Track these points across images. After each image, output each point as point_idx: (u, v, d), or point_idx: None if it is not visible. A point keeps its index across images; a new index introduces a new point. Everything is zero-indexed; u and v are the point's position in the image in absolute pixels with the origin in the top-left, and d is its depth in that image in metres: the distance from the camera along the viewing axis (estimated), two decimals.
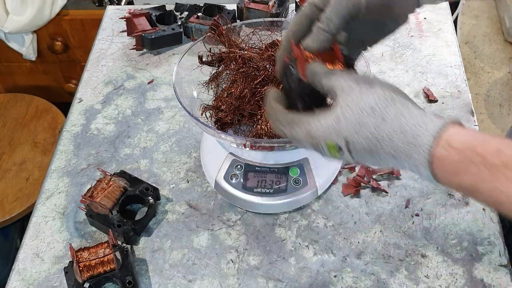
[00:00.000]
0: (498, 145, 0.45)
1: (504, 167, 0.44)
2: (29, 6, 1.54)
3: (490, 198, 0.46)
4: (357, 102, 0.50)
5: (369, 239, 0.80)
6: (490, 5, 2.36)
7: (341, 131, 0.51)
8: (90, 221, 0.83)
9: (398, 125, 0.48)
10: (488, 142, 0.45)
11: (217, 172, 0.83)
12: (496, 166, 0.44)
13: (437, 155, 0.47)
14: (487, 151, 0.45)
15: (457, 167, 0.46)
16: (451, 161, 0.46)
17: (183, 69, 0.81)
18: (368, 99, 0.50)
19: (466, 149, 0.45)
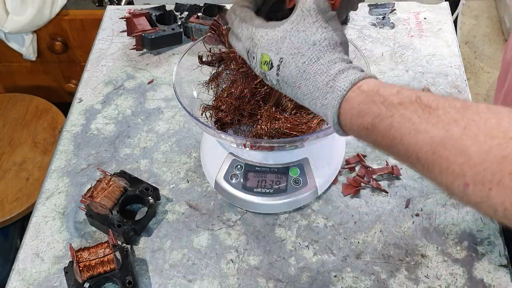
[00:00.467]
0: (400, 88, 0.48)
1: (399, 105, 0.47)
2: (29, 6, 1.54)
3: (385, 136, 0.48)
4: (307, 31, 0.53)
5: (369, 239, 0.80)
6: (490, 5, 2.36)
7: (281, 49, 0.54)
8: (90, 221, 0.83)
9: (327, 68, 0.52)
10: (392, 86, 0.49)
11: (217, 172, 0.83)
12: (393, 104, 0.47)
13: (347, 97, 0.51)
14: (389, 92, 0.48)
15: (360, 108, 0.50)
16: (357, 102, 0.50)
17: (183, 69, 0.81)
18: (316, 35, 0.53)
19: (370, 91, 0.49)
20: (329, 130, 0.73)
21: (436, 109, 0.45)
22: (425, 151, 0.45)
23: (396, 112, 0.47)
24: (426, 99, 0.46)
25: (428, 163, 0.45)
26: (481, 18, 2.32)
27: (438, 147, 0.44)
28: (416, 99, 0.46)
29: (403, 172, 0.88)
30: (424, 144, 0.45)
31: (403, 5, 1.20)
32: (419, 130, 0.45)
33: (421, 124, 0.45)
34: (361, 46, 1.10)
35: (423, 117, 0.45)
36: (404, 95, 0.47)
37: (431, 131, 0.44)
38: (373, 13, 1.18)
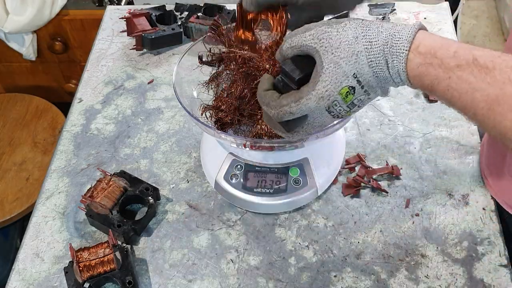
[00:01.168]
0: (456, 49, 0.51)
1: (456, 68, 0.50)
2: (29, 6, 1.54)
3: (445, 96, 0.52)
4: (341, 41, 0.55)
5: (369, 239, 0.80)
6: (490, 5, 2.36)
7: (346, 71, 0.55)
8: (90, 221, 0.83)
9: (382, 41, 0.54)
10: (448, 46, 0.51)
11: (217, 172, 0.83)
12: (450, 67, 0.50)
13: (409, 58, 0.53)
14: (445, 55, 0.51)
15: (419, 70, 0.52)
16: (416, 64, 0.52)
17: (183, 69, 0.81)
18: (348, 33, 0.55)
19: (428, 53, 0.52)
20: (329, 130, 0.73)
21: (492, 69, 0.48)
22: (481, 107, 0.49)
23: (453, 74, 0.50)
24: (483, 60, 0.49)
25: (484, 118, 0.50)
26: (481, 18, 2.32)
27: (493, 104, 0.48)
28: (473, 61, 0.49)
29: (403, 172, 0.88)
30: (480, 101, 0.49)
31: (403, 5, 1.20)
32: (475, 89, 0.49)
33: (477, 83, 0.49)
34: None
35: (479, 77, 0.49)
36: (461, 57, 0.50)
37: (487, 89, 0.48)
38: (373, 13, 1.18)
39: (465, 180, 0.87)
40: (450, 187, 0.86)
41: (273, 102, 0.59)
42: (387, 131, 0.95)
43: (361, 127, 0.96)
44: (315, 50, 0.56)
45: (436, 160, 0.90)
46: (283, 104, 0.58)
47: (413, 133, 0.94)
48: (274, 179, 0.82)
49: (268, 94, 0.60)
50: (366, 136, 0.94)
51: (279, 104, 0.59)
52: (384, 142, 0.93)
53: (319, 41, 0.56)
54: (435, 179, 0.87)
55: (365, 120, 0.97)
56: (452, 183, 0.86)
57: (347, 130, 0.95)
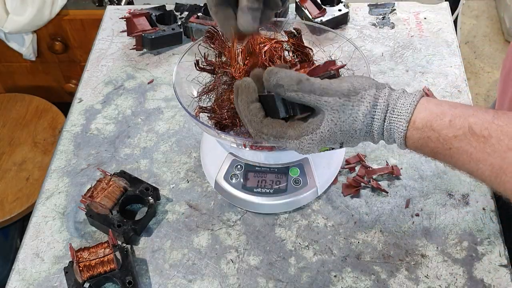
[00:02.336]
0: (451, 117, 0.51)
1: (454, 139, 0.50)
2: (29, 6, 1.54)
3: (449, 163, 0.54)
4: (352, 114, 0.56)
5: (369, 239, 0.80)
6: (490, 5, 2.36)
7: (337, 140, 0.57)
8: (90, 221, 0.83)
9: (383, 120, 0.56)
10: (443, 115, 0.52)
11: (217, 172, 0.83)
12: (448, 138, 0.51)
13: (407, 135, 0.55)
14: (441, 126, 0.52)
15: (419, 143, 0.54)
16: (415, 139, 0.54)
17: (183, 69, 0.81)
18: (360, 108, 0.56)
19: (425, 127, 0.53)
20: None
21: (489, 138, 0.48)
22: (487, 175, 0.50)
23: (452, 145, 0.51)
24: (478, 128, 0.49)
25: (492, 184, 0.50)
26: (481, 18, 2.32)
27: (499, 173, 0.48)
28: (469, 130, 0.49)
29: (403, 172, 0.88)
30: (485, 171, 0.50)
31: (403, 5, 1.20)
32: (478, 159, 0.49)
33: (477, 154, 0.49)
34: (361, 46, 1.10)
35: (478, 147, 0.49)
36: (456, 127, 0.50)
37: (488, 159, 0.49)
38: (373, 13, 1.18)
39: (465, 180, 0.87)
40: (450, 187, 0.86)
41: (254, 123, 0.59)
42: None
43: None
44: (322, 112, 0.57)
45: (436, 160, 0.89)
46: (263, 132, 0.59)
47: None
48: (274, 179, 0.82)
49: (252, 110, 0.59)
50: None
51: (259, 130, 0.59)
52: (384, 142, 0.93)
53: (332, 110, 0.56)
54: (435, 179, 0.87)
55: None
56: (452, 183, 0.86)
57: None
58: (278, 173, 0.82)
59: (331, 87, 0.56)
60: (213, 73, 0.80)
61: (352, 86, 0.56)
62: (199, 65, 0.78)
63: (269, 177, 0.82)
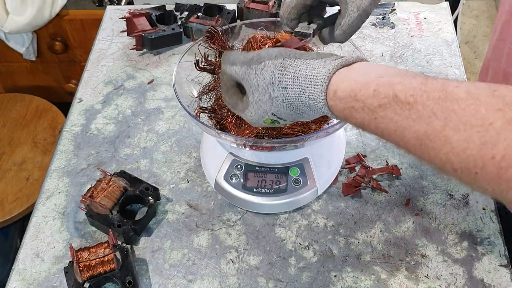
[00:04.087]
0: (376, 86, 0.49)
1: (379, 108, 0.49)
2: (29, 6, 1.54)
3: (376, 133, 0.51)
4: (259, 84, 0.57)
5: (369, 239, 0.80)
6: (490, 5, 2.36)
7: (266, 111, 0.58)
8: (90, 221, 0.83)
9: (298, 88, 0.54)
10: (368, 85, 0.50)
11: (217, 172, 0.83)
12: (373, 108, 0.49)
13: (329, 104, 0.53)
14: (366, 95, 0.49)
15: (344, 114, 0.52)
16: (339, 109, 0.52)
17: (183, 69, 0.81)
18: (264, 78, 0.56)
19: (348, 96, 0.51)
20: (329, 130, 0.73)
21: (414, 104, 0.46)
22: (412, 144, 0.48)
23: (377, 115, 0.49)
24: (403, 95, 0.47)
25: (418, 154, 0.48)
26: (481, 18, 2.32)
27: (423, 140, 0.46)
28: (393, 98, 0.48)
29: (403, 172, 0.88)
30: (410, 139, 0.47)
31: (403, 5, 1.20)
32: (403, 127, 0.47)
33: (403, 121, 0.47)
34: (361, 46, 1.10)
35: (403, 114, 0.47)
36: (381, 95, 0.48)
37: (414, 126, 0.46)
38: (373, 13, 1.18)
39: None
40: (450, 187, 0.86)
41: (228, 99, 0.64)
42: None
43: None
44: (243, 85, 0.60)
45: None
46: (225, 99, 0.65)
47: None
48: (274, 179, 0.82)
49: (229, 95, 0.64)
50: (366, 136, 0.94)
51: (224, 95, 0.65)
52: (384, 142, 0.93)
53: (242, 79, 0.59)
54: (435, 179, 0.87)
55: None
56: (452, 183, 0.86)
57: (347, 130, 0.95)
58: (278, 173, 0.82)
59: (239, 56, 0.60)
60: (213, 73, 0.80)
61: (258, 55, 0.57)
62: (199, 65, 0.79)
63: (269, 177, 0.82)
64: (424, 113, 0.45)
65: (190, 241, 0.81)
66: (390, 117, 0.48)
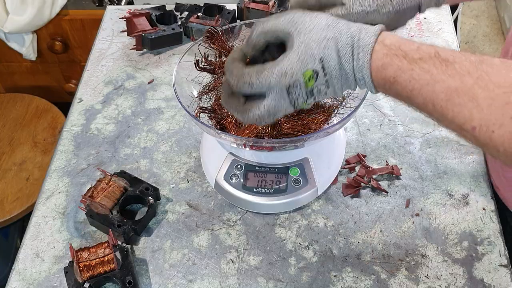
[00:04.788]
0: (419, 44, 0.53)
1: (420, 59, 0.52)
2: (29, 6, 1.54)
3: (406, 88, 0.53)
4: (314, 25, 0.57)
5: (369, 239, 0.80)
6: (490, 5, 2.36)
7: (314, 53, 0.56)
8: (90, 221, 0.83)
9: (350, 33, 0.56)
10: (412, 42, 0.54)
11: (217, 172, 0.83)
12: (414, 59, 0.52)
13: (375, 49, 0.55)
14: (409, 47, 0.53)
15: (384, 60, 0.54)
16: (382, 55, 0.54)
17: (183, 69, 0.81)
18: (320, 21, 0.57)
19: (393, 45, 0.54)
20: (329, 130, 0.73)
21: (453, 63, 0.50)
22: (440, 98, 0.51)
23: (416, 65, 0.52)
24: (444, 53, 0.51)
25: (443, 109, 0.51)
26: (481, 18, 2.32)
27: (452, 94, 0.49)
28: (435, 54, 0.51)
29: (403, 172, 0.88)
30: (440, 93, 0.50)
31: None
32: (436, 80, 0.51)
33: (438, 75, 0.50)
34: None
35: (441, 69, 0.50)
36: (423, 51, 0.52)
37: (447, 81, 0.50)
38: None
39: (465, 180, 0.87)
40: (450, 187, 0.86)
41: (236, 70, 0.59)
42: (387, 131, 0.95)
43: (361, 127, 0.96)
44: (288, 34, 0.57)
45: (436, 160, 0.90)
46: (245, 73, 0.58)
47: (413, 133, 0.94)
48: (274, 179, 0.82)
49: (235, 62, 0.60)
50: (366, 136, 0.94)
51: (241, 72, 0.58)
52: (384, 142, 0.93)
53: (294, 23, 0.57)
54: (435, 179, 0.87)
55: (365, 120, 0.97)
56: (452, 183, 0.86)
57: (347, 130, 0.95)
58: (278, 173, 0.82)
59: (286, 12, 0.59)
60: (213, 73, 0.80)
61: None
62: (199, 65, 0.79)
63: (269, 177, 0.82)
64: (460, 71, 0.49)
65: (190, 241, 0.81)
66: (427, 68, 0.51)
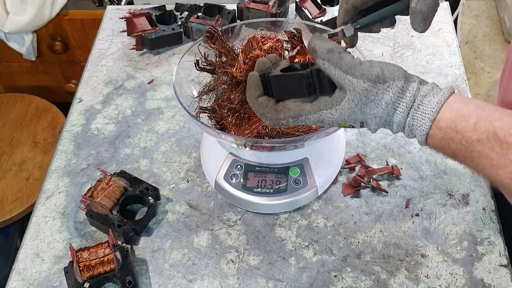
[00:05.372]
0: (476, 120, 0.50)
1: (477, 142, 0.50)
2: (29, 6, 1.54)
3: (470, 166, 0.53)
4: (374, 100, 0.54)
5: (369, 239, 0.80)
6: (490, 5, 2.36)
7: (356, 119, 0.56)
8: (90, 221, 0.83)
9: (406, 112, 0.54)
10: (469, 117, 0.51)
11: (217, 172, 0.83)
12: (471, 141, 0.50)
13: (429, 134, 0.53)
14: (466, 127, 0.50)
15: (441, 144, 0.53)
16: (437, 139, 0.53)
17: (183, 69, 0.81)
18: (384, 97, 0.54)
19: (448, 127, 0.52)
20: (329, 130, 0.73)
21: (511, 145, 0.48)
22: (506, 183, 0.49)
23: (474, 149, 0.50)
24: (502, 133, 0.49)
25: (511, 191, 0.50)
26: (481, 18, 2.32)
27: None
28: (493, 135, 0.49)
29: (403, 172, 0.88)
30: (504, 178, 0.49)
31: None
32: (498, 166, 0.49)
33: (499, 160, 0.49)
34: (361, 46, 1.10)
35: (501, 153, 0.49)
36: (481, 130, 0.50)
37: (509, 166, 0.48)
38: None
39: (465, 180, 0.87)
40: (450, 187, 0.86)
41: (269, 114, 0.59)
42: (387, 131, 0.95)
43: None
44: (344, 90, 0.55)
45: (436, 160, 0.90)
46: (280, 117, 0.59)
47: None
48: (274, 179, 0.82)
49: (262, 103, 0.59)
50: (366, 136, 0.94)
51: (276, 117, 0.59)
52: (384, 142, 0.93)
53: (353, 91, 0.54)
54: (435, 179, 0.87)
55: None
56: (452, 183, 0.86)
57: (347, 130, 0.95)
58: (278, 173, 0.82)
59: (359, 68, 0.55)
60: (213, 73, 0.80)
61: (382, 73, 0.55)
62: (199, 65, 0.79)
63: (269, 177, 0.82)
64: None
65: (190, 241, 0.81)
66: (486, 153, 0.49)
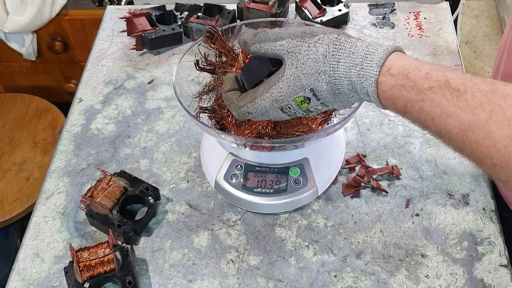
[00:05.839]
0: (429, 70, 0.50)
1: (429, 90, 0.49)
2: (29, 6, 1.54)
3: (418, 119, 0.51)
4: (309, 57, 0.55)
5: (369, 239, 0.80)
6: (490, 5, 2.36)
7: (304, 85, 0.56)
8: (90, 221, 0.83)
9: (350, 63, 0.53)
10: (421, 67, 0.50)
11: (217, 172, 0.83)
12: (423, 89, 0.49)
13: (379, 80, 0.52)
14: (418, 76, 0.50)
15: (392, 92, 0.52)
16: (388, 86, 0.52)
17: (183, 69, 0.81)
18: (317, 50, 0.55)
19: (400, 74, 0.51)
20: (329, 130, 0.73)
21: (464, 93, 0.47)
22: (455, 133, 0.48)
23: (425, 97, 0.49)
24: (455, 82, 0.48)
25: (459, 144, 0.48)
26: (481, 18, 2.32)
27: (466, 131, 0.47)
28: (445, 83, 0.48)
29: (403, 172, 0.88)
30: (453, 127, 0.48)
31: (403, 5, 1.20)
32: (448, 113, 0.48)
33: (449, 107, 0.48)
34: None
35: (452, 101, 0.47)
36: (433, 79, 0.49)
37: (460, 114, 0.47)
38: (373, 13, 1.18)
39: (465, 180, 0.87)
40: (450, 187, 0.86)
41: (233, 104, 0.62)
42: (387, 131, 0.95)
43: (361, 127, 0.96)
44: (282, 58, 0.58)
45: (436, 160, 0.90)
46: (241, 105, 0.61)
47: (413, 133, 0.94)
48: (274, 179, 0.82)
49: (229, 96, 0.63)
50: (366, 136, 0.94)
51: (237, 106, 0.62)
52: (384, 142, 0.93)
53: (288, 53, 0.57)
54: (435, 179, 0.87)
55: (365, 120, 0.97)
56: (452, 183, 0.86)
57: (347, 130, 0.95)
58: (278, 173, 0.82)
59: (285, 32, 0.57)
60: (213, 73, 0.80)
61: (310, 29, 0.56)
62: (199, 65, 0.79)
63: (269, 177, 0.82)
64: (472, 103, 0.46)
65: (190, 241, 0.81)
66: (437, 101, 0.48)
